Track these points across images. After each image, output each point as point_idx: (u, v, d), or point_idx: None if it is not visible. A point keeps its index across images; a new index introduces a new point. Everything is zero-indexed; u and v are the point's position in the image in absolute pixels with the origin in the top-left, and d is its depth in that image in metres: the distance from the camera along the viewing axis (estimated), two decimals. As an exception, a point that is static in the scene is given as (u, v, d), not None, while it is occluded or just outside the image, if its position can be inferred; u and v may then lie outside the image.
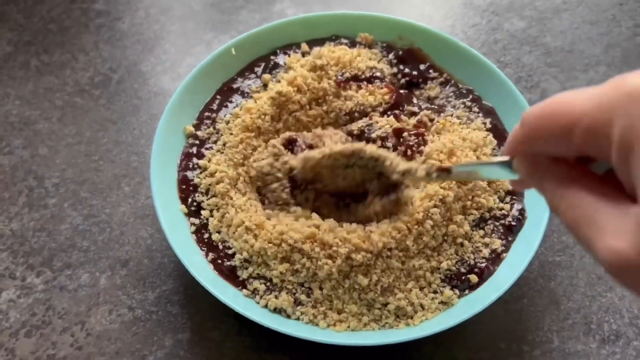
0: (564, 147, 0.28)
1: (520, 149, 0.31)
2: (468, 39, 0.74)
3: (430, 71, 0.62)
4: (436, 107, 0.60)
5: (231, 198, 0.53)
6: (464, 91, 0.61)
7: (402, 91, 0.60)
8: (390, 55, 0.63)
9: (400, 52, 0.62)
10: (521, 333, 0.53)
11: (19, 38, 0.73)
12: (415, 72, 0.61)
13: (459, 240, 0.52)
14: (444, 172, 0.43)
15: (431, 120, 0.58)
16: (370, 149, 0.50)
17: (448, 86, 0.61)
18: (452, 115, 0.58)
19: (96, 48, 0.73)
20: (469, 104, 0.60)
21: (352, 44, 0.63)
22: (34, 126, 0.66)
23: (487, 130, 0.58)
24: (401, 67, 0.62)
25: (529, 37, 0.75)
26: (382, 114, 0.58)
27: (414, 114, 0.58)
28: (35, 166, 0.63)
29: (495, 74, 0.59)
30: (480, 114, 0.59)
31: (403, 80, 0.61)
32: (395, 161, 0.49)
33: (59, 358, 0.51)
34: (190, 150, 0.57)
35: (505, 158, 0.34)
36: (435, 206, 0.50)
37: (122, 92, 0.69)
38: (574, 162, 0.29)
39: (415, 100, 0.60)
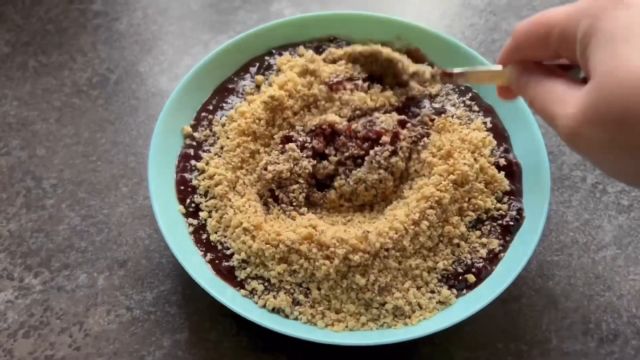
0: (544, 51, 0.37)
1: (511, 57, 0.40)
2: (466, 39, 0.74)
3: None
4: (438, 106, 0.60)
5: (229, 200, 0.53)
6: (463, 88, 0.61)
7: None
8: None
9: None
10: (519, 333, 0.53)
11: (17, 39, 0.73)
12: None
13: (455, 241, 0.52)
14: (447, 77, 0.51)
15: (432, 120, 0.58)
16: (387, 51, 0.59)
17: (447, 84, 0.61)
18: (452, 116, 0.58)
19: (94, 49, 0.73)
20: (468, 102, 0.60)
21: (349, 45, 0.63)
22: (32, 127, 0.66)
23: (488, 130, 0.58)
24: None
25: (527, 37, 0.75)
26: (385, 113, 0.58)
27: (414, 114, 0.59)
28: (33, 167, 0.63)
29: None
30: (481, 113, 0.59)
31: None
32: (406, 63, 0.58)
33: (57, 359, 0.51)
34: (188, 152, 0.57)
35: (499, 67, 0.42)
36: (431, 207, 0.50)
37: (120, 92, 0.69)
38: (555, 68, 0.38)
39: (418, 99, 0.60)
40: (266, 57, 0.63)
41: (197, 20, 0.76)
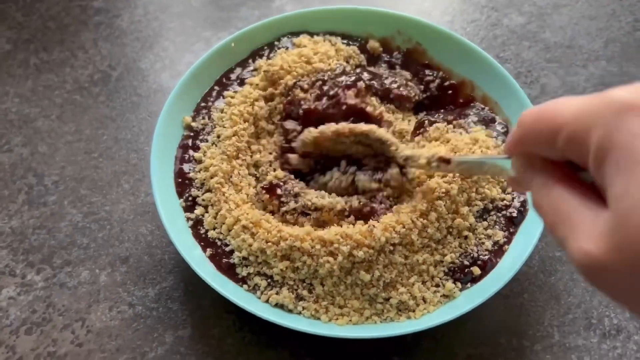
0: (551, 150, 0.30)
1: (517, 149, 0.33)
2: (467, 35, 0.74)
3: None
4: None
5: (224, 194, 0.52)
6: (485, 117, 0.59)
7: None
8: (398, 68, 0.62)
9: (400, 55, 0.63)
10: (521, 328, 0.53)
11: (18, 36, 0.73)
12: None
13: (464, 232, 0.51)
14: (444, 163, 0.45)
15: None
16: (380, 131, 0.52)
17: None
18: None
19: (95, 45, 0.73)
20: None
21: (362, 48, 0.63)
22: (34, 124, 0.66)
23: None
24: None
25: (529, 33, 0.75)
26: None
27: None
28: (35, 164, 0.63)
29: (495, 68, 0.59)
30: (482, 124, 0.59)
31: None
32: (400, 147, 0.52)
33: (60, 355, 0.51)
34: (186, 142, 0.56)
35: (505, 157, 0.36)
36: (439, 198, 0.50)
37: (122, 89, 0.69)
38: (566, 166, 0.31)
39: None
40: (275, 43, 0.63)
41: (199, 17, 0.76)
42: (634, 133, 0.25)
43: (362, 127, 0.52)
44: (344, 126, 0.53)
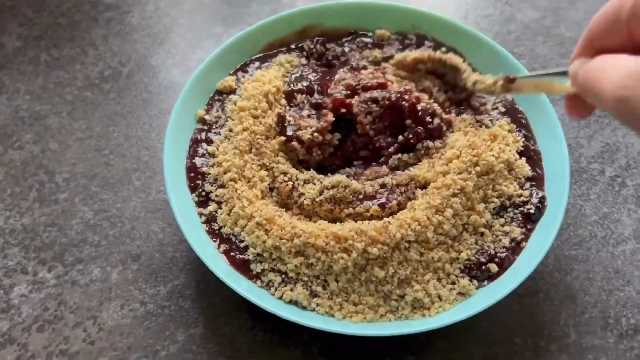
0: (616, 34, 0.35)
1: (584, 52, 0.38)
2: (481, 30, 0.73)
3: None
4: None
5: (236, 190, 0.52)
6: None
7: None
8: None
9: (414, 38, 0.63)
10: (537, 328, 0.52)
11: (29, 33, 0.73)
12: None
13: (480, 229, 0.51)
14: (509, 82, 0.49)
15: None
16: (455, 59, 0.58)
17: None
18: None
19: (106, 42, 0.72)
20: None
21: (375, 44, 0.63)
22: (44, 121, 0.65)
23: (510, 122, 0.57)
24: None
25: (543, 28, 0.74)
26: None
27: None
28: (46, 161, 0.62)
29: (511, 63, 0.59)
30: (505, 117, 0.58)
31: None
32: (469, 71, 0.57)
33: (72, 353, 0.51)
34: (199, 136, 0.56)
35: (563, 69, 0.40)
36: (454, 195, 0.50)
37: (132, 86, 0.68)
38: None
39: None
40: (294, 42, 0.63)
41: (209, 13, 0.75)
42: None
43: (439, 54, 0.59)
44: (422, 53, 0.59)
